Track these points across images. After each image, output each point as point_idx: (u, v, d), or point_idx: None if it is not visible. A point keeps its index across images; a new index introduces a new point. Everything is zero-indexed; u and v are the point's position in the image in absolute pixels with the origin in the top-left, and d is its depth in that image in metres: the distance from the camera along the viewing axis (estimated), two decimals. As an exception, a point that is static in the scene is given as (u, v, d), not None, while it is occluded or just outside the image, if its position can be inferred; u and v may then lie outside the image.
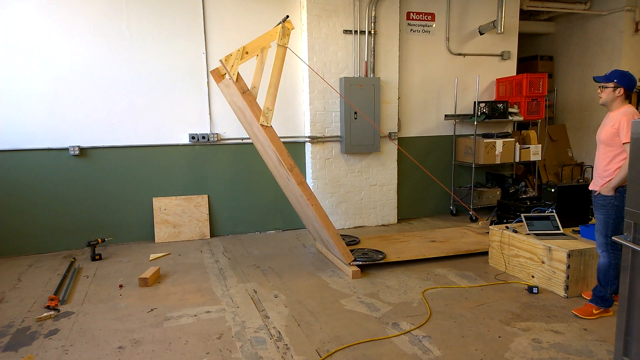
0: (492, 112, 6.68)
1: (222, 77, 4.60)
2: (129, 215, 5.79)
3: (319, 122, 6.18)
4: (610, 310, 3.55)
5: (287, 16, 4.26)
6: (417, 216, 7.11)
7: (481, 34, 6.95)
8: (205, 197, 6.05)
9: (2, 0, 5.07)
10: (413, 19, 6.63)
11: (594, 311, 3.52)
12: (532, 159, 7.00)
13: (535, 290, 4.02)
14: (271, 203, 6.34)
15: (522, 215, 4.47)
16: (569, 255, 3.85)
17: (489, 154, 6.63)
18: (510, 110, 6.82)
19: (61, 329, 3.51)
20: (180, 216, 5.94)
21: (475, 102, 6.71)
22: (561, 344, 3.17)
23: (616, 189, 3.31)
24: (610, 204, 3.35)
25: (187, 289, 4.28)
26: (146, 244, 5.81)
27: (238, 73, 4.14)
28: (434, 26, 6.77)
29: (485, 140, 6.62)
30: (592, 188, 3.58)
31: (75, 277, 4.63)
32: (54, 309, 3.83)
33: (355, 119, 6.10)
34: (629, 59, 7.57)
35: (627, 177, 2.62)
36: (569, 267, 3.87)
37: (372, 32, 6.21)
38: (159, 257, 5.23)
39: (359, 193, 6.50)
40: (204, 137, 5.93)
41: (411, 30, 6.66)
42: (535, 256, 4.17)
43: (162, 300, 4.01)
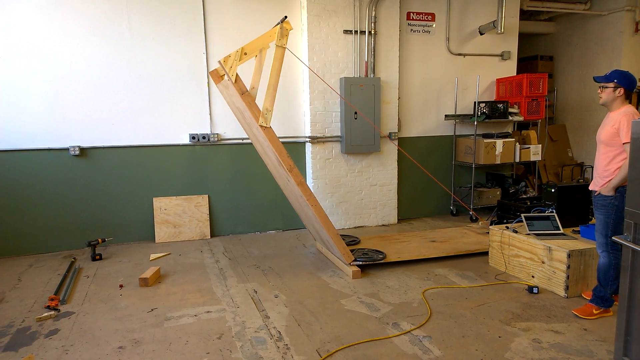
0: (492, 112, 6.69)
1: (221, 78, 4.59)
2: (129, 215, 5.80)
3: (319, 122, 6.18)
4: (611, 310, 3.55)
5: (286, 17, 4.26)
6: (418, 216, 7.11)
7: (481, 34, 6.95)
8: (206, 197, 6.05)
9: (3, 0, 5.08)
10: (413, 19, 6.64)
11: (594, 311, 3.53)
12: (532, 159, 7.00)
13: (535, 290, 4.02)
14: (271, 203, 6.34)
15: (522, 215, 4.47)
16: (569, 256, 3.85)
17: (489, 154, 6.63)
18: (511, 110, 6.82)
19: (61, 329, 3.51)
20: (180, 216, 5.94)
21: (475, 102, 6.71)
22: (561, 344, 3.17)
23: (616, 189, 3.31)
24: (610, 204, 3.35)
25: (187, 289, 4.28)
26: (146, 244, 5.81)
27: (237, 74, 4.15)
28: (434, 26, 6.78)
29: (485, 141, 6.62)
30: (592, 188, 3.58)
31: (75, 277, 4.63)
32: (54, 309, 3.84)
33: (356, 119, 6.10)
34: (629, 59, 7.57)
35: (627, 177, 2.62)
36: (569, 267, 3.87)
37: (373, 32, 6.21)
38: (159, 257, 5.24)
39: (359, 193, 6.51)
40: (204, 137, 5.93)
41: (411, 30, 6.66)
42: (536, 256, 4.17)
43: (162, 300, 4.01)
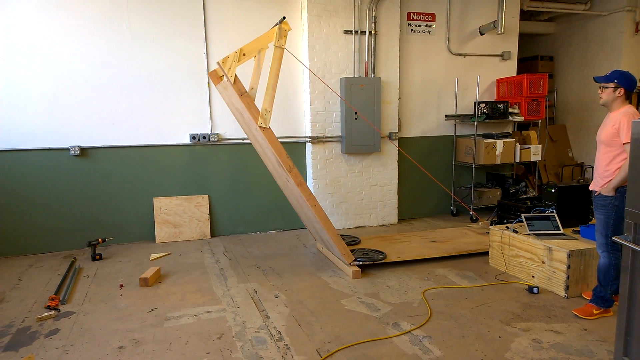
0: (492, 112, 6.69)
1: (220, 78, 4.57)
2: (129, 215, 5.80)
3: (319, 122, 6.18)
4: (611, 310, 3.55)
5: (284, 17, 4.26)
6: (418, 216, 7.11)
7: (481, 34, 6.95)
8: (206, 197, 6.05)
9: (3, 0, 5.08)
10: (413, 19, 6.64)
11: (594, 311, 3.53)
12: (533, 159, 7.00)
13: (535, 290, 4.02)
14: (272, 203, 6.34)
15: (522, 215, 4.47)
16: (569, 256, 3.85)
17: (490, 154, 6.63)
18: (511, 110, 6.82)
19: (61, 328, 3.51)
20: (180, 216, 5.94)
21: (475, 103, 6.71)
22: (561, 344, 3.17)
23: (616, 189, 3.31)
24: (610, 204, 3.35)
25: (187, 289, 4.28)
26: (147, 244, 5.81)
27: (235, 75, 4.12)
28: (434, 26, 6.78)
29: (485, 141, 6.62)
30: (592, 188, 3.58)
31: (75, 277, 4.63)
32: (55, 308, 3.84)
33: (356, 119, 6.10)
34: (629, 59, 7.57)
35: (627, 178, 2.62)
36: (569, 267, 3.87)
37: (373, 33, 6.21)
38: (159, 257, 5.24)
39: (359, 193, 6.51)
40: (204, 137, 5.93)
41: (412, 30, 6.66)
42: (536, 256, 4.17)
43: (162, 300, 4.01)
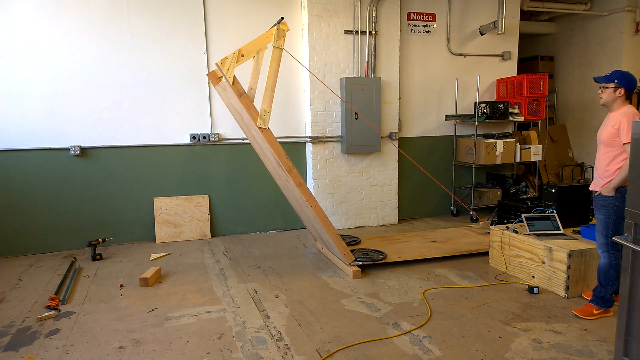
0: (492, 112, 6.69)
1: (218, 79, 4.55)
2: (129, 215, 5.80)
3: (319, 122, 6.18)
4: (611, 310, 3.55)
5: (282, 18, 4.25)
6: (418, 216, 7.11)
7: (482, 34, 6.95)
8: (206, 197, 6.05)
9: (4, 0, 5.08)
10: (414, 19, 6.64)
11: (595, 311, 3.53)
12: (533, 159, 7.00)
13: (535, 290, 4.02)
14: (272, 203, 6.34)
15: (522, 215, 4.47)
16: (569, 256, 3.85)
17: (490, 154, 6.63)
18: (511, 110, 6.82)
19: (62, 328, 3.51)
20: (181, 216, 5.94)
21: (475, 103, 6.71)
22: (561, 344, 3.17)
23: (617, 189, 3.31)
24: (610, 204, 3.35)
25: (187, 289, 4.28)
26: (147, 244, 5.81)
27: (234, 76, 4.11)
28: (434, 26, 6.78)
29: (485, 141, 6.62)
30: (592, 188, 3.58)
31: (75, 277, 4.63)
32: (55, 308, 3.84)
33: (356, 119, 6.10)
34: (629, 59, 7.57)
35: (627, 178, 2.62)
36: (569, 267, 3.87)
37: (373, 33, 6.21)
38: (159, 257, 5.24)
39: (359, 193, 6.51)
40: (204, 137, 5.94)
41: (412, 30, 6.66)
42: (536, 256, 4.17)
43: (162, 300, 4.01)
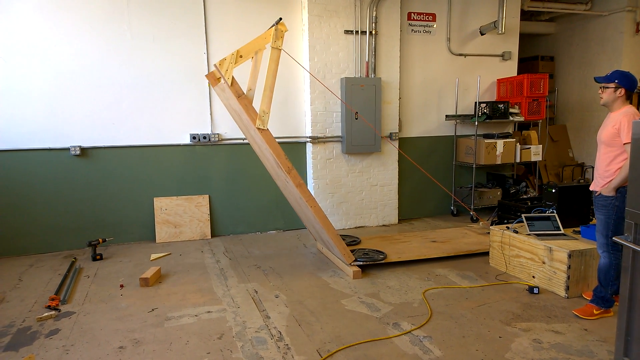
0: (493, 112, 6.69)
1: (217, 80, 4.54)
2: (130, 215, 5.80)
3: (319, 122, 6.18)
4: (611, 310, 3.54)
5: (280, 18, 4.25)
6: (418, 216, 7.11)
7: (482, 34, 6.95)
8: (206, 197, 6.05)
9: (4, 0, 5.08)
10: (414, 19, 6.64)
11: (595, 311, 3.52)
12: (533, 159, 7.00)
13: (535, 290, 4.02)
14: (272, 203, 6.34)
15: (522, 215, 4.47)
16: (569, 256, 3.85)
17: (490, 154, 6.63)
18: (511, 110, 6.82)
19: (62, 328, 3.51)
20: (181, 216, 5.94)
21: (476, 103, 6.70)
22: (562, 344, 3.17)
23: (617, 189, 3.31)
24: (611, 204, 3.35)
25: (188, 289, 4.28)
26: (147, 244, 5.81)
27: (233, 77, 4.10)
28: (434, 26, 6.77)
29: (486, 141, 6.62)
30: (592, 188, 3.58)
31: (76, 277, 4.63)
32: (55, 308, 3.84)
33: (356, 119, 6.10)
34: (629, 59, 7.57)
35: (627, 178, 2.62)
36: (569, 267, 3.87)
37: (373, 33, 6.21)
38: (159, 257, 5.24)
39: (359, 193, 6.51)
40: (205, 137, 5.94)
41: (412, 30, 6.66)
42: (536, 256, 4.17)
43: (163, 300, 4.01)
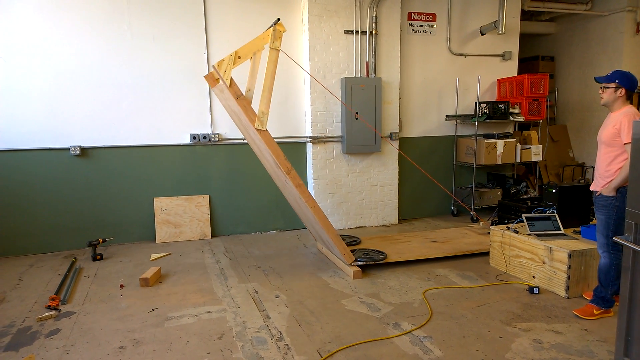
0: (493, 112, 6.69)
1: (216, 81, 4.53)
2: (130, 215, 5.80)
3: (320, 122, 6.18)
4: (611, 310, 3.54)
5: (278, 19, 4.24)
6: (418, 216, 7.11)
7: (482, 34, 6.95)
8: (206, 197, 6.05)
9: (4, 0, 5.08)
10: (414, 19, 6.64)
11: (595, 312, 3.52)
12: (533, 159, 6.99)
13: (536, 290, 4.01)
14: (272, 203, 6.34)
15: (523, 215, 4.47)
16: (570, 256, 3.85)
17: (490, 154, 6.63)
18: (512, 110, 6.81)
19: (62, 328, 3.51)
20: (181, 216, 5.94)
21: (476, 103, 6.70)
22: (562, 344, 3.17)
23: (617, 189, 3.31)
24: (611, 204, 3.35)
25: (188, 289, 4.28)
26: (147, 244, 5.81)
27: (231, 78, 4.09)
28: (435, 26, 6.77)
29: (486, 141, 6.61)
30: (593, 188, 3.58)
31: (76, 277, 4.63)
32: (55, 308, 3.84)
33: (357, 119, 6.10)
34: (630, 59, 7.57)
35: (628, 178, 2.62)
36: (569, 267, 3.87)
37: (374, 33, 6.21)
38: (160, 257, 5.24)
39: (360, 193, 6.50)
40: (205, 137, 5.94)
41: (412, 30, 6.66)
42: (536, 257, 4.17)
43: (163, 300, 4.01)
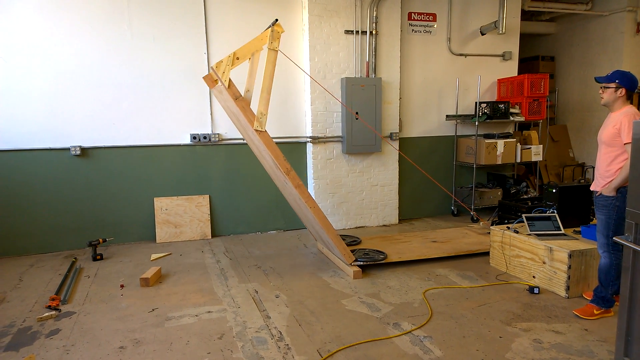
0: (493, 112, 6.69)
1: (215, 82, 4.53)
2: (130, 215, 5.80)
3: (320, 122, 6.18)
4: (611, 310, 3.54)
5: (276, 20, 4.24)
6: (419, 216, 7.11)
7: (482, 34, 6.95)
8: (207, 197, 6.05)
9: (4, 0, 5.08)
10: (414, 19, 6.64)
11: (595, 311, 3.52)
12: (534, 159, 6.99)
13: (536, 290, 4.01)
14: (272, 203, 6.34)
15: (523, 215, 4.47)
16: (570, 256, 3.85)
17: (490, 154, 6.63)
18: (512, 110, 6.81)
19: (62, 328, 3.51)
20: (181, 216, 5.94)
21: (476, 103, 6.70)
22: (562, 344, 3.17)
23: (617, 189, 3.31)
24: (611, 204, 3.35)
25: (188, 289, 4.29)
26: (147, 244, 5.81)
27: (230, 79, 4.09)
28: (435, 26, 6.77)
29: (486, 141, 6.61)
30: (593, 188, 3.58)
31: (76, 277, 4.64)
32: (55, 308, 3.84)
33: (357, 119, 6.10)
34: (630, 59, 7.56)
35: (628, 178, 2.62)
36: (570, 267, 3.87)
37: (374, 33, 6.21)
38: (160, 257, 5.24)
39: (360, 193, 6.50)
40: (205, 137, 5.94)
41: (412, 30, 6.66)
42: (537, 256, 4.17)
43: (163, 300, 4.01)
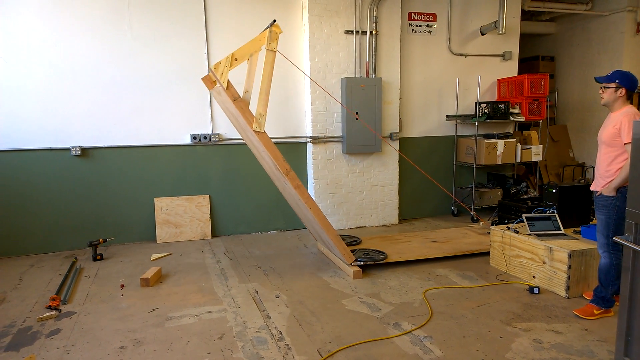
0: (493, 112, 6.69)
1: (213, 83, 4.53)
2: (130, 216, 5.80)
3: (320, 123, 6.18)
4: (612, 310, 3.54)
5: (274, 20, 4.24)
6: (419, 216, 7.11)
7: (483, 34, 6.95)
8: (207, 197, 6.05)
9: (4, 0, 5.09)
10: (414, 19, 6.64)
11: (595, 311, 3.52)
12: (534, 159, 6.99)
13: (536, 290, 4.02)
14: (272, 203, 6.34)
15: (523, 215, 4.47)
16: (570, 256, 3.85)
17: (491, 154, 6.63)
18: (512, 110, 6.82)
19: (63, 329, 3.52)
20: (181, 216, 5.94)
21: (476, 103, 6.70)
22: (562, 344, 3.17)
23: (617, 189, 3.31)
24: (611, 204, 3.35)
25: (188, 289, 4.29)
26: (148, 244, 5.81)
27: (228, 80, 4.09)
28: (435, 27, 6.77)
29: (486, 141, 6.62)
30: (593, 188, 3.58)
31: (76, 277, 4.64)
32: (56, 309, 3.84)
33: (357, 119, 6.10)
34: (630, 59, 7.56)
35: (628, 178, 2.62)
36: (570, 267, 3.87)
37: (374, 33, 6.21)
38: (160, 257, 5.24)
39: (360, 193, 6.51)
40: (205, 137, 5.94)
41: (413, 30, 6.66)
42: (537, 256, 4.17)
43: (163, 301, 4.02)
